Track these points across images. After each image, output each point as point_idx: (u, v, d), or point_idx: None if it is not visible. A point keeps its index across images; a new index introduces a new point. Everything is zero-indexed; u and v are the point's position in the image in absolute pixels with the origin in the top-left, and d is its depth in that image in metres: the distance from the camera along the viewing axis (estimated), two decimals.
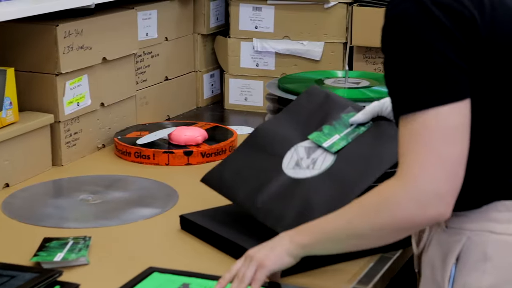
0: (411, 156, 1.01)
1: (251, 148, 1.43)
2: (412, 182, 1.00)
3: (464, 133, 1.02)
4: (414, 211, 1.01)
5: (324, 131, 1.37)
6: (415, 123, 1.01)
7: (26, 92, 1.77)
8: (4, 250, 1.37)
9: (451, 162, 1.00)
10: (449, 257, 1.10)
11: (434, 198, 1.00)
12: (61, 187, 1.72)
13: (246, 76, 2.32)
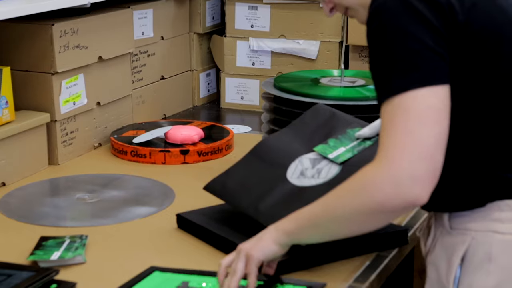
0: (388, 139, 1.02)
1: (255, 159, 1.43)
2: (388, 164, 1.01)
3: (442, 116, 1.02)
4: (389, 193, 1.01)
5: (330, 144, 1.38)
6: (393, 107, 1.02)
7: (22, 91, 1.77)
8: (1, 249, 1.37)
9: (427, 144, 1.00)
10: (454, 258, 1.10)
11: (409, 180, 1.00)
12: (57, 186, 1.72)
13: (242, 75, 2.32)
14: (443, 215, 1.14)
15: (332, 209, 1.09)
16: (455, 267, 1.10)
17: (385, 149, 1.02)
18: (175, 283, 1.21)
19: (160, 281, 1.22)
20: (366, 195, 1.03)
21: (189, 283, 1.21)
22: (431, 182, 1.01)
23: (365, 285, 1.24)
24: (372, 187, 1.02)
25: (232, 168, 1.45)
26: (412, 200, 1.01)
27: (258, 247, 1.15)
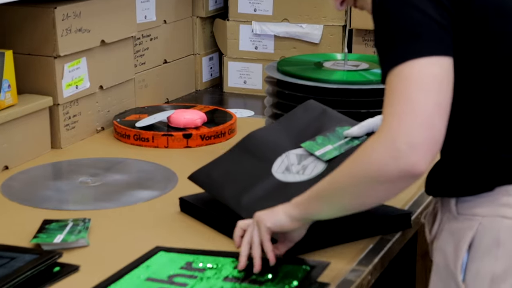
0: (388, 108, 1.01)
1: (241, 152, 1.43)
2: (387, 132, 1.00)
3: (443, 85, 1.01)
4: (386, 160, 1.00)
5: (318, 141, 1.37)
6: (394, 77, 1.01)
7: (25, 75, 1.76)
8: (4, 232, 1.37)
9: (426, 112, 0.99)
10: (462, 244, 1.10)
11: (406, 148, 0.98)
12: (60, 169, 1.72)
13: (245, 59, 2.31)
14: (449, 201, 1.13)
15: (336, 180, 1.09)
16: (463, 253, 1.09)
17: (385, 118, 1.01)
18: (179, 264, 1.21)
19: (164, 262, 1.22)
20: (364, 163, 1.03)
21: (193, 264, 1.21)
22: (429, 150, 0.99)
23: (368, 268, 1.24)
24: (370, 155, 1.02)
25: (218, 159, 1.44)
26: (408, 168, 0.99)
27: (269, 215, 1.17)
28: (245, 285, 1.13)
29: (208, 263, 1.21)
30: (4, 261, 1.20)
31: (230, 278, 1.16)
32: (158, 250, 1.26)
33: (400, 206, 1.44)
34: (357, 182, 1.05)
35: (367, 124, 1.37)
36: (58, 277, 1.20)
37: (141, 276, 1.18)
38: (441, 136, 1.00)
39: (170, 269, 1.20)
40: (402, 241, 1.38)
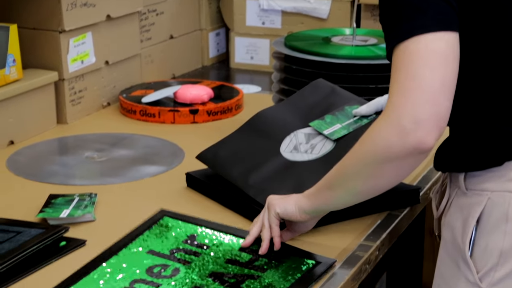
0: (393, 86, 1.00)
1: (250, 131, 1.42)
2: (393, 110, 0.99)
3: (449, 60, 0.99)
4: (392, 138, 0.99)
5: (326, 120, 1.36)
6: (399, 53, 1.00)
7: (30, 49, 1.75)
8: (10, 206, 1.37)
9: (431, 87, 0.97)
10: (470, 220, 1.09)
11: (412, 124, 0.97)
12: (66, 144, 1.71)
13: (252, 35, 2.29)
14: (458, 176, 1.12)
15: (345, 165, 1.08)
16: (471, 228, 1.09)
17: (390, 96, 1.00)
18: (182, 236, 1.20)
19: (167, 232, 1.21)
20: (371, 143, 1.02)
21: (196, 238, 1.20)
22: (435, 126, 0.98)
23: (376, 244, 1.23)
24: (376, 134, 1.01)
25: (225, 138, 1.43)
26: (415, 144, 0.98)
27: (281, 201, 1.17)
28: (247, 270, 1.12)
29: (213, 239, 1.20)
30: (10, 235, 1.20)
31: (233, 260, 1.15)
32: (163, 215, 1.25)
33: (408, 182, 1.43)
34: (366, 163, 1.04)
35: (376, 103, 1.36)
36: (64, 251, 1.20)
37: (142, 248, 1.17)
38: (447, 112, 0.99)
39: (173, 242, 1.19)
40: (410, 216, 1.37)
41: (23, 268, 1.14)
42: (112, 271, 1.11)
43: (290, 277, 1.11)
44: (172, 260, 1.15)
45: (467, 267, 1.09)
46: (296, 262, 1.15)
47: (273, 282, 1.10)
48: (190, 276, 1.11)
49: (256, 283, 1.09)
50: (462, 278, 1.10)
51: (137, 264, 1.13)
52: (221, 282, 1.09)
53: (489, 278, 1.08)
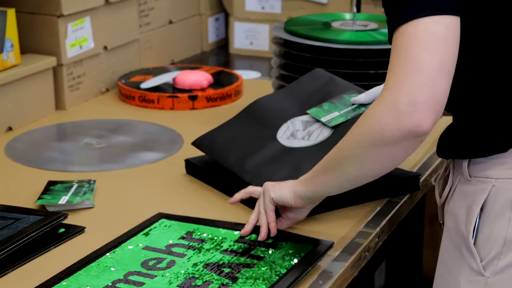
0: (392, 70, 0.98)
1: (247, 118, 1.41)
2: (389, 92, 0.97)
3: (448, 44, 0.98)
4: (388, 120, 0.97)
5: (324, 108, 1.36)
6: (399, 36, 0.98)
7: (28, 34, 1.74)
8: (8, 193, 1.36)
9: (429, 70, 0.96)
10: (474, 207, 1.08)
11: (408, 107, 0.96)
12: (65, 131, 1.70)
13: (251, 20, 2.27)
14: (462, 163, 1.11)
15: (341, 148, 1.07)
16: (475, 215, 1.08)
17: (388, 78, 0.99)
18: (179, 233, 1.20)
19: (164, 230, 1.21)
20: (367, 125, 1.01)
21: (193, 234, 1.20)
22: (432, 109, 0.96)
23: (376, 231, 1.23)
24: (371, 118, 1.00)
25: (222, 125, 1.43)
26: (411, 127, 0.96)
27: (276, 187, 1.17)
28: (243, 259, 1.12)
29: (209, 234, 1.20)
30: (9, 222, 1.19)
31: (229, 251, 1.15)
32: (160, 217, 1.25)
33: (408, 169, 1.42)
34: (361, 146, 1.02)
35: (374, 91, 1.35)
36: (63, 238, 1.19)
37: (139, 245, 1.17)
38: (444, 95, 0.97)
39: (169, 238, 1.19)
40: (410, 203, 1.37)
41: (22, 255, 1.14)
42: (107, 265, 1.11)
43: (287, 262, 1.11)
44: (168, 254, 1.15)
45: (471, 255, 1.08)
46: (294, 248, 1.15)
47: (270, 268, 1.10)
48: (185, 267, 1.11)
49: (251, 271, 1.09)
50: (465, 266, 1.09)
51: (133, 259, 1.13)
52: (216, 272, 1.09)
53: (492, 266, 1.07)
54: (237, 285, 1.06)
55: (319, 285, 1.08)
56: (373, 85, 1.51)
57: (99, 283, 1.06)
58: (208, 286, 1.06)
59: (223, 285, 1.06)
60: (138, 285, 1.06)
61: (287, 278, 1.07)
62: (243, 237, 1.19)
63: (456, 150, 1.11)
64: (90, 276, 1.08)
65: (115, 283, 1.06)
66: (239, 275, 1.08)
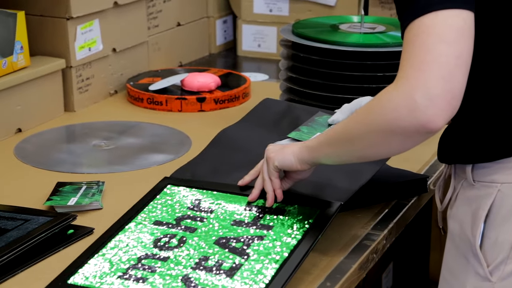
0: (406, 60, 0.96)
1: (219, 148, 1.39)
2: (405, 82, 0.95)
3: (465, 37, 0.96)
4: (402, 112, 0.95)
5: (303, 131, 1.36)
6: (415, 28, 0.97)
7: (37, 37, 1.75)
8: (18, 194, 1.37)
9: (447, 64, 0.94)
10: (480, 212, 1.07)
11: (425, 100, 0.93)
12: (73, 132, 1.71)
13: (259, 22, 2.28)
14: (465, 167, 1.10)
15: (350, 128, 1.05)
16: (481, 221, 1.07)
17: (402, 69, 0.97)
18: (186, 202, 1.20)
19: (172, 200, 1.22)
20: (379, 113, 0.99)
21: (201, 202, 1.20)
22: (448, 104, 0.94)
23: (383, 233, 1.23)
24: (385, 105, 0.98)
25: (194, 159, 1.40)
26: (424, 123, 0.94)
27: (279, 153, 1.16)
28: (253, 231, 1.13)
29: (217, 202, 1.20)
30: (18, 223, 1.20)
31: (238, 222, 1.15)
32: (166, 183, 1.25)
33: (416, 171, 1.42)
34: (371, 131, 1.00)
35: (349, 108, 1.35)
36: (72, 239, 1.20)
37: (148, 220, 1.18)
38: (461, 90, 0.96)
39: (178, 209, 1.19)
40: (417, 206, 1.37)
41: (31, 256, 1.14)
42: (119, 248, 1.12)
43: (297, 231, 1.11)
44: (178, 230, 1.15)
45: (477, 261, 1.08)
46: (302, 213, 1.15)
47: (281, 241, 1.10)
48: (198, 244, 1.11)
49: (262, 245, 1.09)
50: (471, 271, 1.09)
51: (144, 237, 1.14)
52: (228, 249, 1.09)
53: (499, 271, 1.07)
54: (249, 262, 1.06)
55: (327, 287, 1.08)
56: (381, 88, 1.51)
57: (115, 269, 1.07)
58: (221, 267, 1.06)
59: (235, 264, 1.06)
60: (152, 270, 1.06)
61: (297, 253, 1.07)
62: (250, 202, 1.19)
63: (459, 155, 1.11)
64: (104, 262, 1.09)
65: (129, 269, 1.07)
66: (250, 251, 1.08)
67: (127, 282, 1.04)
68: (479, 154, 1.08)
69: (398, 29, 1.70)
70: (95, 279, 1.06)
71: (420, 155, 1.47)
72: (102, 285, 1.05)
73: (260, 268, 1.05)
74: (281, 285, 1.02)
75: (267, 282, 1.02)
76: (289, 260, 1.06)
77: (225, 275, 1.04)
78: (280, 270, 1.04)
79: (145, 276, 1.05)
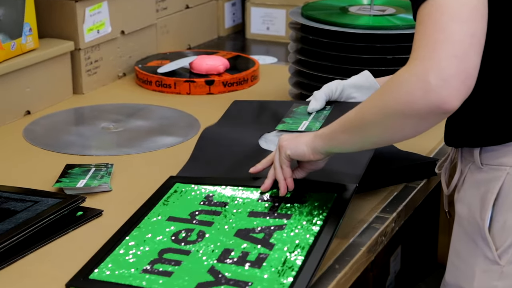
0: (420, 40, 0.95)
1: (212, 145, 1.36)
2: (419, 63, 0.94)
3: (479, 16, 0.94)
4: (416, 93, 0.93)
5: (288, 122, 1.35)
6: (428, 8, 0.95)
7: (46, 19, 1.74)
8: (27, 176, 1.38)
9: (460, 42, 0.93)
10: (489, 196, 1.06)
11: (438, 80, 0.92)
12: (82, 115, 1.71)
13: (268, 5, 2.27)
14: (473, 150, 1.10)
15: (363, 113, 1.03)
16: (490, 204, 1.06)
17: (415, 50, 0.95)
18: (197, 198, 1.19)
19: (182, 197, 1.20)
20: (393, 95, 0.97)
21: (213, 197, 1.19)
22: (462, 84, 0.92)
23: (392, 216, 1.23)
24: (399, 88, 0.96)
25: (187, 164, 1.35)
26: (439, 103, 0.92)
27: (292, 142, 1.14)
28: (272, 221, 1.11)
29: (229, 195, 1.18)
30: (27, 205, 1.20)
31: (255, 213, 1.13)
32: (173, 182, 1.24)
33: (425, 154, 1.42)
34: (384, 114, 0.99)
35: (322, 95, 1.36)
36: (81, 221, 1.20)
37: (161, 216, 1.16)
38: (475, 69, 0.94)
39: (190, 205, 1.18)
40: (426, 189, 1.36)
41: (41, 237, 1.15)
42: (136, 243, 1.10)
43: (317, 218, 1.10)
44: (195, 224, 1.13)
45: (486, 244, 1.07)
46: (318, 199, 1.13)
47: (303, 227, 1.08)
48: (217, 238, 1.09)
49: (284, 233, 1.07)
50: (480, 255, 1.08)
51: (161, 233, 1.12)
52: (250, 240, 1.07)
53: (508, 255, 1.06)
54: (275, 252, 1.04)
55: (336, 269, 1.08)
56: (390, 70, 1.51)
57: (137, 265, 1.05)
58: (247, 258, 1.04)
59: (261, 254, 1.04)
60: (175, 264, 1.04)
61: (322, 239, 1.05)
62: (263, 192, 1.17)
63: (467, 138, 1.10)
64: (125, 257, 1.07)
65: (152, 264, 1.05)
66: (273, 240, 1.06)
67: (153, 276, 1.02)
68: (488, 137, 1.08)
69: (408, 11, 1.69)
70: (118, 274, 1.03)
71: (429, 138, 1.46)
72: (126, 280, 1.02)
73: (288, 257, 1.03)
74: (311, 272, 1.00)
75: (297, 270, 1.00)
76: (315, 247, 1.04)
77: (253, 266, 1.02)
78: (308, 258, 1.02)
79: (171, 270, 1.03)
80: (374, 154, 1.24)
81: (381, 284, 1.89)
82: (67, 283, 1.04)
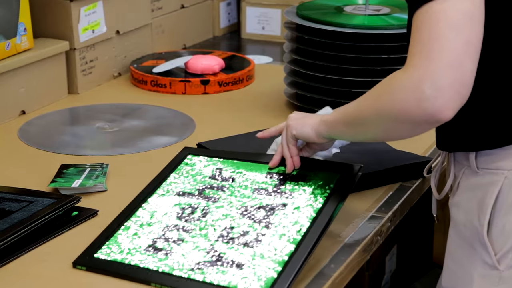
0: (416, 47, 0.95)
1: None
2: (413, 71, 0.94)
3: (474, 22, 0.94)
4: (411, 102, 0.94)
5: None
6: (422, 14, 0.95)
7: (41, 18, 1.74)
8: (22, 176, 1.37)
9: (455, 50, 0.92)
10: (487, 200, 1.05)
11: (433, 90, 0.92)
12: (77, 115, 1.71)
13: (263, 5, 2.27)
14: (467, 155, 1.09)
15: (362, 110, 1.05)
16: (489, 208, 1.05)
17: (411, 56, 0.95)
18: (207, 172, 1.22)
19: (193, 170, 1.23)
20: (388, 101, 0.98)
21: (222, 171, 1.22)
22: (457, 93, 0.93)
23: (387, 215, 1.23)
24: (395, 95, 0.97)
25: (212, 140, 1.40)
26: (433, 113, 0.93)
27: (299, 122, 1.17)
28: (275, 198, 1.14)
29: (237, 170, 1.22)
30: (22, 205, 1.20)
31: (260, 189, 1.17)
32: (187, 153, 1.27)
33: (420, 153, 1.42)
34: (381, 117, 1.01)
35: None
36: (76, 221, 1.20)
37: (170, 191, 1.20)
38: (471, 77, 0.94)
39: (200, 180, 1.21)
40: (422, 188, 1.37)
41: (36, 238, 1.15)
42: (144, 218, 1.14)
43: (319, 196, 1.12)
44: (201, 199, 1.17)
45: (484, 249, 1.06)
46: (322, 178, 1.16)
47: (304, 205, 1.11)
48: (220, 214, 1.13)
49: (285, 213, 1.11)
50: (478, 260, 1.07)
51: (167, 209, 1.16)
52: (251, 217, 1.11)
53: (507, 260, 1.05)
54: (273, 232, 1.07)
55: (331, 269, 1.08)
56: (385, 70, 1.51)
57: (140, 243, 1.09)
58: (245, 236, 1.07)
59: (258, 234, 1.07)
60: (177, 242, 1.08)
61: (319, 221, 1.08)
62: (271, 169, 1.21)
63: (462, 142, 1.09)
64: (129, 236, 1.11)
65: (155, 241, 1.09)
66: (273, 219, 1.10)
67: (155, 254, 1.06)
68: (484, 141, 1.07)
69: (403, 11, 1.69)
70: (121, 254, 1.08)
71: (424, 137, 1.46)
72: (128, 258, 1.07)
73: (284, 238, 1.06)
74: (305, 254, 1.03)
75: (292, 250, 1.04)
76: (312, 229, 1.07)
77: (250, 245, 1.06)
78: (304, 239, 1.05)
79: (171, 248, 1.07)
80: (369, 153, 1.24)
81: (376, 283, 1.89)
82: (73, 261, 1.08)
